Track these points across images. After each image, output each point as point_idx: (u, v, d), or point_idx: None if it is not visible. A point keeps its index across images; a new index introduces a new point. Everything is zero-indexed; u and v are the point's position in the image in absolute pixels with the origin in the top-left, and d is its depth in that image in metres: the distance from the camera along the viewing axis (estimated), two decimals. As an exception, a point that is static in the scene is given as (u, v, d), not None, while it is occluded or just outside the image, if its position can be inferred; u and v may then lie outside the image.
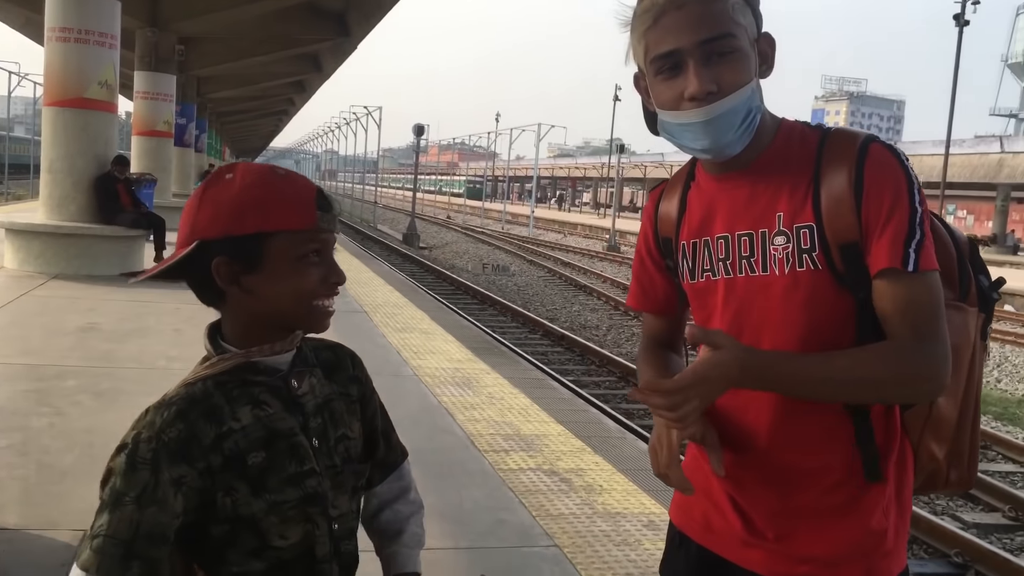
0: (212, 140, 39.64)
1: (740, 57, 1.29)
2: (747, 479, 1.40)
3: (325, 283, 1.22)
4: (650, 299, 1.59)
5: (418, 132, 37.15)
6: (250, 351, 1.21)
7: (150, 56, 17.45)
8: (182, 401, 1.16)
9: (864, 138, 1.33)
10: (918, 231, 1.27)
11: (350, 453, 1.31)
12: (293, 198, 1.18)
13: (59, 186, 9.86)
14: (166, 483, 1.11)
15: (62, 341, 6.36)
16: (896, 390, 1.30)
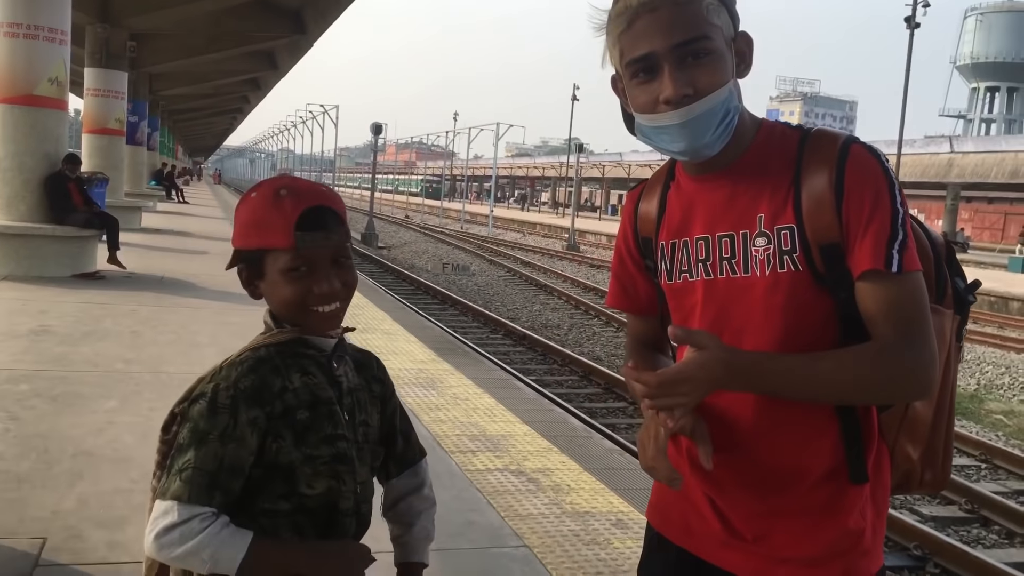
0: (164, 138, 38.98)
1: (716, 59, 1.28)
2: (727, 480, 1.40)
3: (312, 294, 1.38)
4: (631, 299, 1.59)
5: (376, 131, 36.90)
6: (303, 328, 1.41)
7: (101, 52, 17.09)
8: (252, 359, 1.38)
9: (845, 139, 1.33)
10: (900, 231, 1.27)
11: (368, 436, 1.50)
12: (277, 220, 1.35)
13: (8, 185, 9.60)
14: (244, 423, 1.32)
15: (13, 344, 6.19)
16: (883, 391, 1.30)
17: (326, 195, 1.40)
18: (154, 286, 9.48)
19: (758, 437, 1.36)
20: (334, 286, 1.39)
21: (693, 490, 1.44)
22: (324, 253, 1.38)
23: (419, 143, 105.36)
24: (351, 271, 1.44)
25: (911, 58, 31.14)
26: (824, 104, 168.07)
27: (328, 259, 1.39)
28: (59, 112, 10.00)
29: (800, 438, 1.35)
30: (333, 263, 1.39)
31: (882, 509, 1.40)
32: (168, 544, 1.27)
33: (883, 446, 1.40)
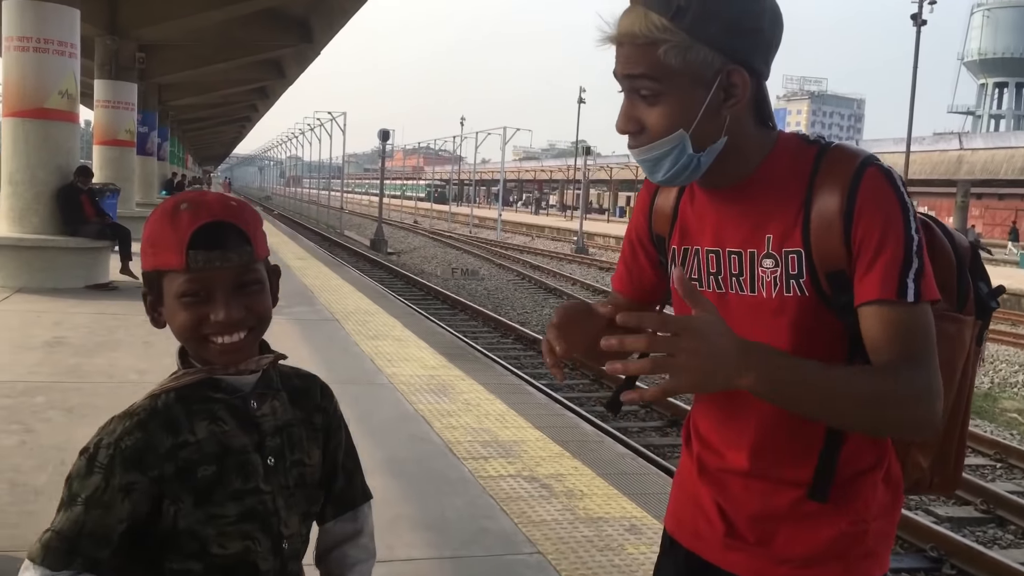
0: (175, 148, 39.17)
1: (664, 103, 1.25)
2: (732, 485, 1.42)
3: (208, 323, 1.22)
4: (637, 288, 1.58)
5: (383, 137, 36.99)
6: (214, 368, 1.25)
7: (110, 64, 17.19)
8: (143, 412, 1.23)
9: (860, 161, 1.27)
10: (915, 260, 1.22)
11: (304, 478, 1.34)
12: (169, 238, 1.20)
13: (20, 198, 9.68)
14: (115, 488, 1.18)
15: (28, 356, 6.24)
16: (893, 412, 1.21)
17: (231, 210, 1.24)
18: (166, 296, 9.53)
19: (761, 447, 1.37)
20: (232, 314, 1.21)
21: (702, 495, 1.46)
22: (223, 276, 1.21)
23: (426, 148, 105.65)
24: (260, 297, 1.26)
25: (918, 55, 31.04)
26: (832, 102, 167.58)
27: (228, 283, 1.22)
28: (70, 124, 10.08)
29: (797, 451, 1.36)
30: (236, 288, 1.22)
31: (891, 512, 1.40)
32: None
33: (893, 457, 1.40)
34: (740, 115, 1.29)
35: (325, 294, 10.86)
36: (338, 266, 16.09)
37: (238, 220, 1.24)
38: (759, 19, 1.26)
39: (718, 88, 1.25)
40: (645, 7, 1.23)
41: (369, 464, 4.94)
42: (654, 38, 1.22)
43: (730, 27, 1.23)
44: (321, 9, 19.22)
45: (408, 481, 4.19)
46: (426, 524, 3.70)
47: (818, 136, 1.36)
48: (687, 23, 1.21)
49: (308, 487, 1.35)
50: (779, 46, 1.31)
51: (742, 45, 1.25)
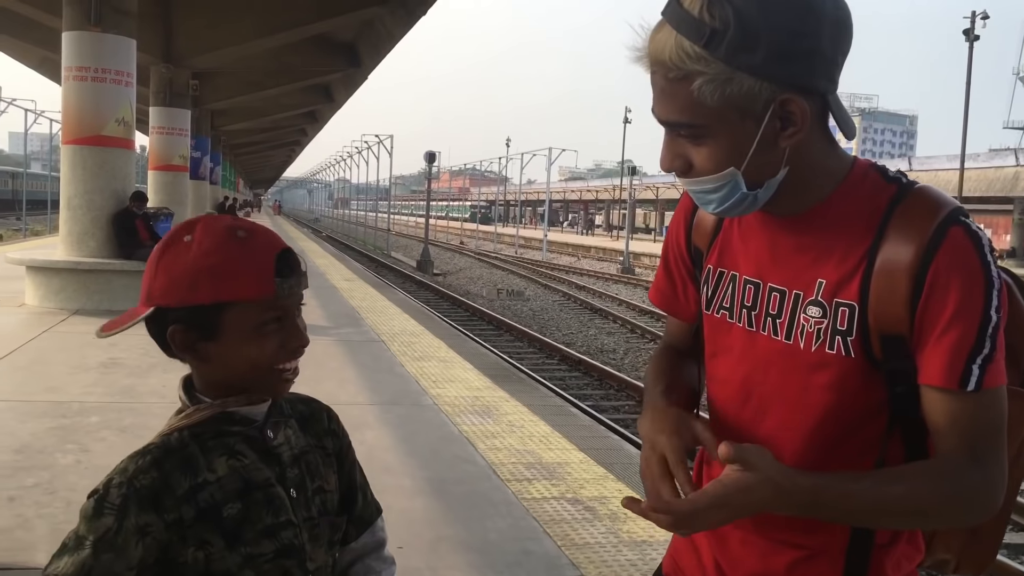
0: (226, 172, 40.05)
1: (709, 142, 1.10)
2: (731, 539, 1.31)
3: (284, 349, 1.19)
4: (675, 301, 1.42)
5: (430, 159, 37.37)
6: (226, 401, 1.19)
7: (165, 91, 17.71)
8: (158, 450, 1.16)
9: (945, 215, 1.09)
10: (987, 344, 1.07)
11: (326, 506, 1.29)
12: (250, 267, 1.14)
13: (78, 223, 9.98)
14: (129, 530, 1.09)
15: (84, 377, 6.41)
16: (943, 519, 1.15)
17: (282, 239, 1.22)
18: (217, 317, 9.72)
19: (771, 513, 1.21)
20: (306, 336, 1.21)
21: (702, 547, 1.36)
22: (295, 301, 1.20)
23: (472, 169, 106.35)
24: (303, 320, 1.24)
25: (971, 71, 30.49)
26: (883, 119, 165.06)
27: (296, 308, 1.20)
28: (126, 151, 10.40)
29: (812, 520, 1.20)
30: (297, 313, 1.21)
31: None
32: None
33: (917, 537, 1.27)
34: (804, 140, 1.11)
35: (372, 315, 10.97)
36: (385, 287, 16.25)
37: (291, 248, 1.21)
38: (816, 37, 1.05)
39: (772, 119, 1.08)
40: (675, 29, 1.06)
41: (412, 485, 4.95)
42: (687, 70, 1.05)
43: (779, 52, 1.04)
44: (368, 35, 19.58)
45: (451, 503, 4.21)
46: (469, 546, 3.71)
47: (899, 173, 1.18)
48: (724, 51, 1.03)
49: (332, 514, 1.30)
50: (848, 53, 1.11)
51: (796, 70, 1.06)
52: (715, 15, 1.03)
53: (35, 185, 51.60)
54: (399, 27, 17.84)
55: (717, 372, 1.30)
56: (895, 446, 1.19)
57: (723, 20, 1.03)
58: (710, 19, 1.03)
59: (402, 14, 16.45)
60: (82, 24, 9.78)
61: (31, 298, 9.73)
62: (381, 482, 4.51)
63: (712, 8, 1.03)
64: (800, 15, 1.04)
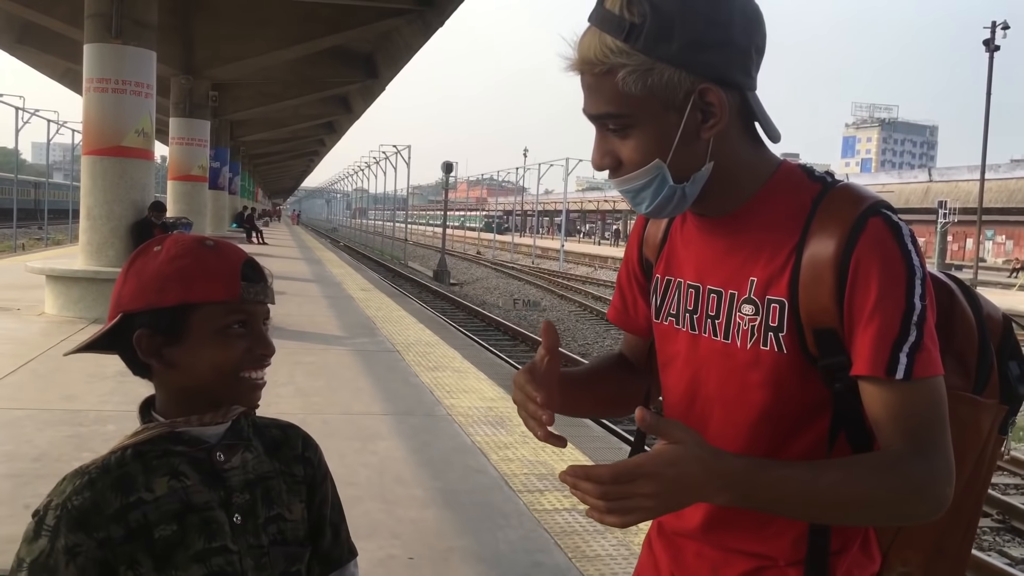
0: (245, 182, 40.35)
1: (635, 135, 1.13)
2: (686, 550, 1.30)
3: (250, 355, 1.19)
4: (630, 319, 1.45)
5: (447, 169, 37.53)
6: (175, 421, 1.19)
7: (184, 102, 17.91)
8: (95, 470, 1.16)
9: (866, 207, 1.11)
10: (913, 332, 1.07)
11: (284, 535, 1.25)
12: (218, 269, 1.17)
13: (98, 232, 10.09)
14: (60, 551, 1.11)
15: (102, 386, 6.46)
16: (889, 512, 1.10)
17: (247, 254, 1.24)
18: (233, 327, 9.78)
19: (722, 517, 1.23)
20: (272, 345, 1.21)
21: (660, 560, 1.36)
22: (261, 310, 1.21)
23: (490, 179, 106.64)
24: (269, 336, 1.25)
25: (992, 81, 30.28)
26: (902, 130, 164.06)
27: (262, 318, 1.21)
28: (146, 162, 10.49)
29: (764, 522, 1.19)
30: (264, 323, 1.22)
31: None
32: None
33: (872, 544, 1.24)
34: (726, 135, 1.15)
35: (387, 325, 11.01)
36: (401, 297, 16.30)
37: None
38: (727, 29, 1.11)
39: (692, 110, 1.12)
40: (598, 28, 1.11)
41: (424, 495, 4.95)
42: (610, 63, 1.10)
43: (693, 42, 1.09)
44: (386, 46, 19.70)
45: (463, 513, 4.21)
46: (480, 557, 3.71)
47: (825, 172, 1.21)
48: (642, 43, 1.08)
49: (289, 544, 1.25)
50: (763, 51, 1.16)
51: (712, 59, 1.11)
52: (634, 11, 1.09)
53: (57, 195, 52.20)
54: (416, 38, 17.95)
55: (668, 380, 1.32)
56: (842, 450, 1.17)
57: (641, 14, 1.08)
58: (629, 15, 1.09)
59: (419, 26, 16.54)
60: (103, 36, 9.91)
61: (50, 307, 9.83)
62: (393, 492, 4.54)
63: (631, 6, 1.09)
64: (712, 6, 1.11)
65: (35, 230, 40.47)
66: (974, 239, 38.25)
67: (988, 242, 48.86)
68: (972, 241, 40.57)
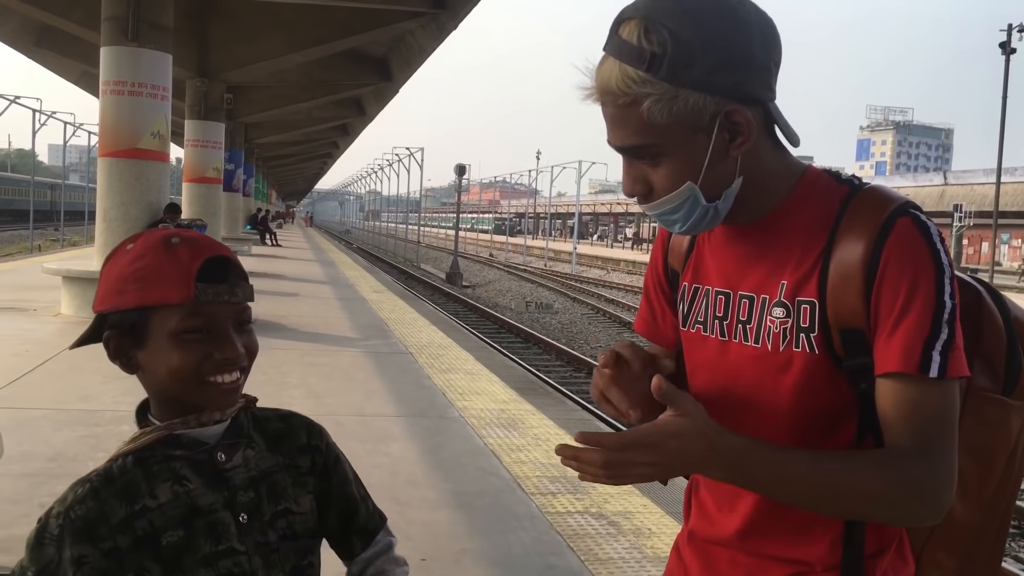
0: (259, 184, 40.54)
1: (665, 161, 1.14)
2: (719, 559, 1.30)
3: (211, 360, 1.14)
4: (659, 329, 1.45)
5: (460, 172, 37.60)
6: (172, 424, 1.17)
7: (200, 105, 18.01)
8: (98, 479, 1.15)
9: (894, 208, 1.13)
10: (944, 330, 1.08)
11: (294, 529, 1.23)
12: (172, 271, 1.12)
13: (114, 234, 10.15)
14: (67, 561, 1.09)
15: (118, 386, 6.50)
16: (884, 510, 1.11)
17: (225, 247, 1.19)
18: (247, 328, 9.83)
19: (757, 521, 1.24)
20: (238, 349, 1.16)
21: (691, 568, 1.35)
22: (227, 312, 1.15)
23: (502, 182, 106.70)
24: (253, 336, 1.21)
25: (1008, 84, 30.08)
26: (918, 132, 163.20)
27: (230, 320, 1.16)
28: (161, 164, 10.57)
29: (799, 528, 1.21)
30: (235, 325, 1.17)
31: None
32: None
33: (906, 549, 1.24)
34: (753, 149, 1.16)
35: (400, 327, 11.03)
36: (413, 299, 16.33)
37: (234, 258, 1.19)
38: (748, 47, 1.11)
39: (720, 131, 1.12)
40: (617, 59, 1.11)
41: (437, 497, 4.96)
42: (634, 94, 1.10)
43: (716, 65, 1.09)
44: (400, 49, 19.77)
45: (475, 515, 4.21)
46: (492, 559, 3.71)
47: (852, 176, 1.23)
48: (665, 72, 1.08)
49: (299, 538, 1.24)
50: (780, 62, 1.16)
51: (735, 79, 1.11)
52: (652, 40, 1.08)
53: (73, 196, 52.61)
54: (430, 41, 17.99)
55: (696, 388, 1.31)
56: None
57: (660, 43, 1.08)
58: (648, 44, 1.09)
59: (433, 28, 16.59)
60: (119, 39, 9.98)
61: (67, 308, 9.91)
62: (406, 494, 4.55)
63: (649, 35, 1.09)
64: (730, 27, 1.10)
65: (51, 231, 40.79)
66: (990, 243, 37.97)
67: (1004, 246, 48.50)
68: (988, 245, 40.30)
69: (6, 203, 50.32)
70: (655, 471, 1.07)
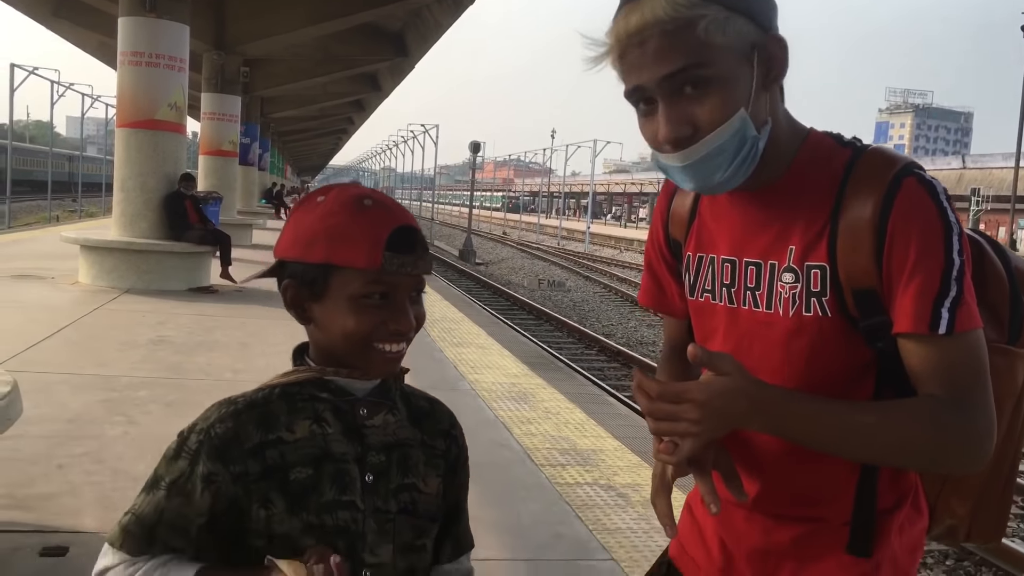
0: (275, 159, 40.56)
1: (717, 87, 1.10)
2: (735, 516, 1.32)
3: (384, 328, 1.15)
4: (664, 299, 1.45)
5: (474, 149, 37.49)
6: (325, 369, 1.18)
7: (216, 78, 18.00)
8: (243, 402, 1.17)
9: (899, 168, 1.13)
10: (953, 287, 1.09)
11: (416, 506, 1.22)
12: (362, 235, 1.11)
13: (131, 204, 10.22)
14: (198, 476, 1.11)
15: (133, 353, 6.58)
16: (927, 458, 1.13)
17: (412, 216, 1.18)
18: (263, 300, 9.89)
19: (776, 481, 1.25)
20: (411, 321, 1.17)
21: (706, 525, 1.37)
22: (407, 283, 1.15)
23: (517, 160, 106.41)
24: (423, 306, 1.21)
25: (1031, 67, 29.65)
26: (937, 116, 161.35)
27: (408, 290, 1.16)
28: (178, 135, 10.60)
29: (818, 486, 1.23)
30: (410, 296, 1.18)
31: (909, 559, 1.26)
32: None
33: (921, 496, 1.28)
34: (774, 93, 1.17)
35: (413, 302, 11.06)
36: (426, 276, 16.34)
37: (419, 227, 1.18)
38: None
39: (760, 62, 1.12)
40: None
41: (447, 466, 4.98)
42: (688, 16, 1.08)
43: None
44: (416, 24, 19.69)
45: (486, 485, 4.26)
46: (502, 527, 3.76)
47: (854, 138, 1.23)
48: None
49: (419, 517, 1.22)
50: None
51: (766, 8, 1.13)
52: None
53: (91, 168, 52.83)
54: (446, 16, 17.91)
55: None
56: None
57: None
58: None
59: (450, 3, 16.52)
60: (137, 10, 9.98)
61: (84, 276, 9.99)
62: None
63: None
64: None
65: (69, 203, 41.02)
66: (1007, 227, 37.65)
67: (1022, 231, 48.06)
68: (1005, 229, 39.95)
69: (25, 174, 50.55)
70: (701, 429, 1.07)
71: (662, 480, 1.28)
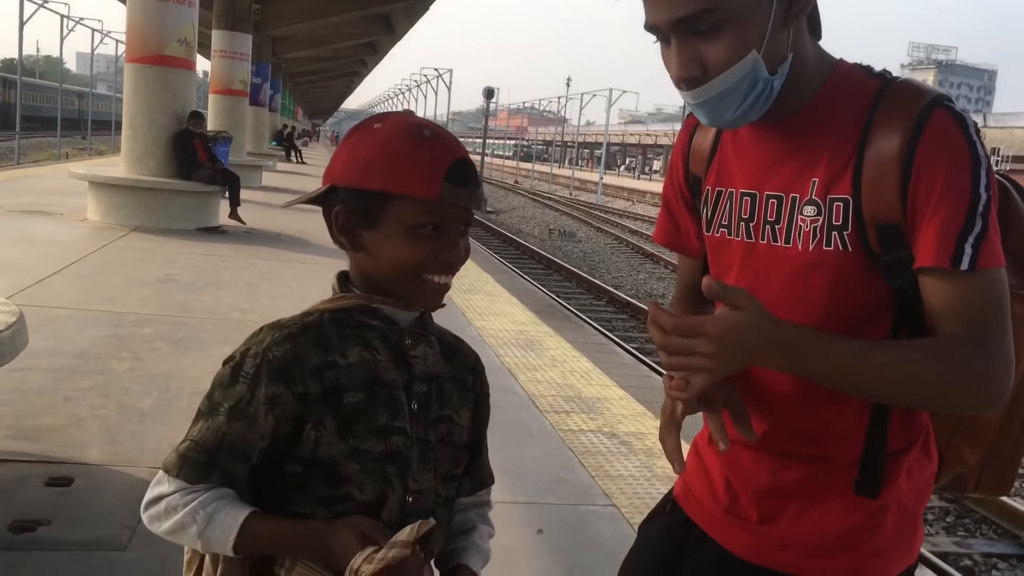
0: (286, 100, 40.23)
1: (730, 28, 1.09)
2: (743, 457, 1.30)
3: (436, 259, 1.15)
4: (680, 237, 1.44)
5: (488, 95, 37.10)
6: (373, 296, 1.19)
7: (227, 15, 17.75)
8: (295, 325, 1.17)
9: (929, 100, 1.10)
10: (978, 223, 1.06)
11: (452, 437, 1.25)
12: (422, 164, 1.11)
13: (139, 141, 10.15)
14: (260, 400, 1.11)
15: (141, 291, 6.59)
16: (944, 398, 1.11)
17: (466, 150, 1.17)
18: (271, 242, 9.89)
19: (784, 421, 1.24)
20: (461, 253, 1.18)
21: (712, 465, 1.36)
22: (460, 215, 1.16)
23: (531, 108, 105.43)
24: (468, 240, 1.21)
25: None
26: (960, 73, 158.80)
27: (460, 223, 1.17)
28: (187, 72, 10.46)
29: (827, 426, 1.22)
30: (461, 228, 1.18)
31: (916, 503, 1.26)
32: (154, 517, 1.14)
33: (931, 443, 1.27)
34: (799, 26, 1.14)
35: (422, 247, 11.03)
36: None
37: (472, 161, 1.18)
38: None
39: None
40: None
41: (452, 409, 5.01)
42: None
43: None
44: (431, -36, 19.31)
45: (489, 429, 4.26)
46: (505, 471, 3.76)
47: (884, 70, 1.19)
48: None
49: (455, 447, 1.25)
50: None
51: None
52: None
53: (100, 105, 52.55)
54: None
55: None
56: None
57: None
58: None
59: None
60: (147, -58, 9.80)
61: (93, 213, 9.98)
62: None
63: None
64: None
65: (79, 140, 40.88)
66: (1025, 189, 37.25)
67: (1040, 193, 47.51)
68: None
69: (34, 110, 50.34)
70: (715, 363, 1.06)
71: (671, 417, 1.27)
